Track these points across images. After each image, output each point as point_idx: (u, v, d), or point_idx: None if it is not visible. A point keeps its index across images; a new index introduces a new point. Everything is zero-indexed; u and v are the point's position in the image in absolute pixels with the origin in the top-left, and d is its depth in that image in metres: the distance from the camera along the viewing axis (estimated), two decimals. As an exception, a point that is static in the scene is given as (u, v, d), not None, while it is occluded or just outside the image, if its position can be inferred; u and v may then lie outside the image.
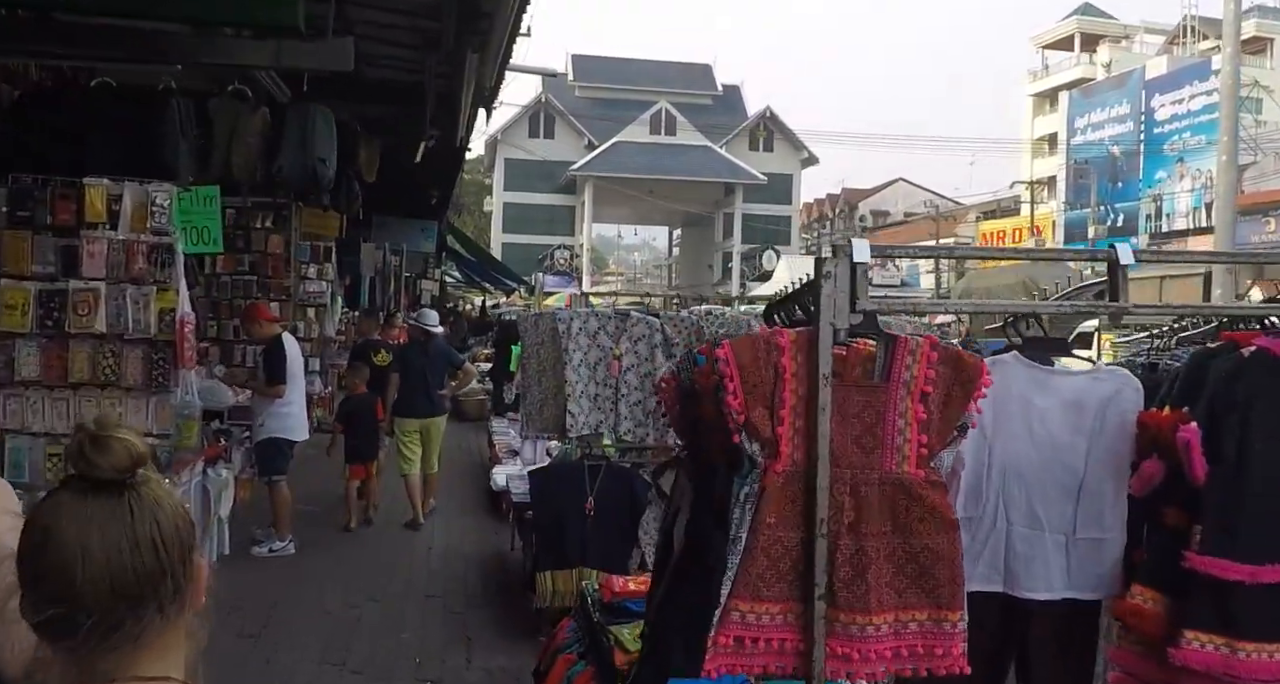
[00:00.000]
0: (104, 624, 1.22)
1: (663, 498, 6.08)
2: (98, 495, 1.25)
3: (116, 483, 1.26)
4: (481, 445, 13.09)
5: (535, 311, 5.89)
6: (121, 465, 1.25)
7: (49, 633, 1.25)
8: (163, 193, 5.47)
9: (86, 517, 1.23)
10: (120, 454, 1.25)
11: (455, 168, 15.98)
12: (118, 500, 1.25)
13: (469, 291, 36.01)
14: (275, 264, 11.66)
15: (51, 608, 1.22)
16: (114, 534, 1.24)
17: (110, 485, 1.26)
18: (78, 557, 1.21)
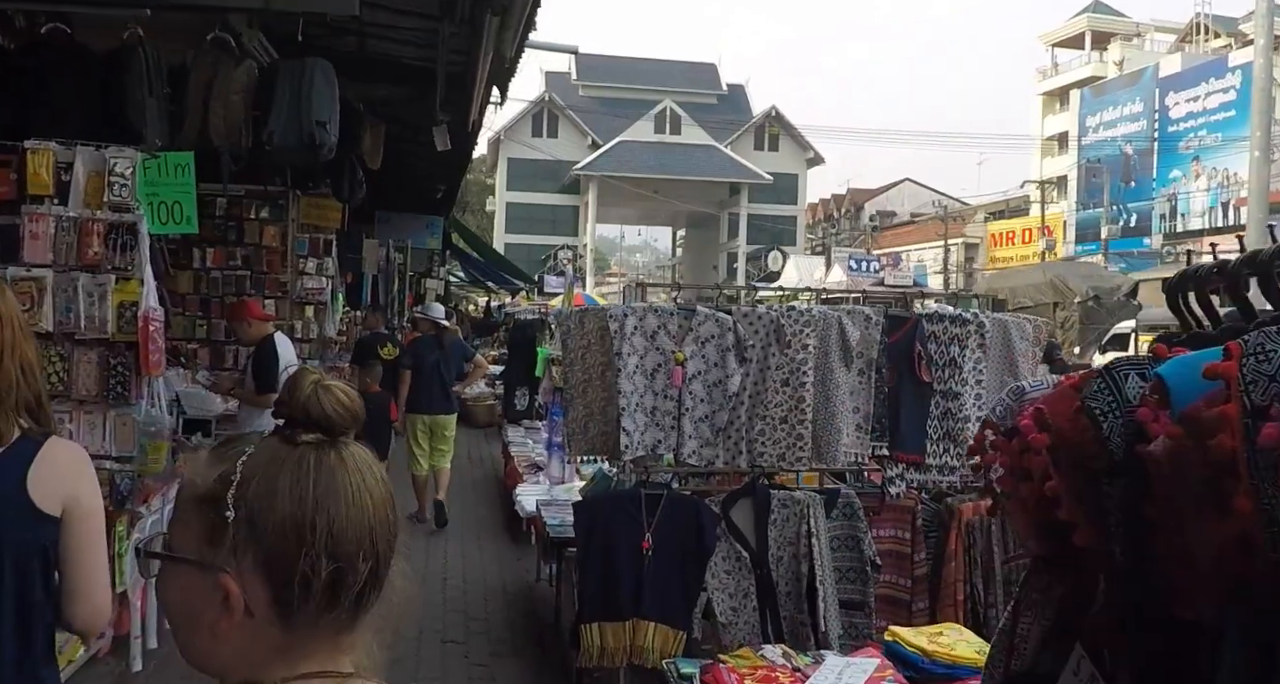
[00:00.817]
0: (379, 576, 1.16)
1: (734, 533, 5.04)
2: (339, 446, 1.15)
3: (340, 437, 1.17)
4: (495, 455, 12.02)
5: (579, 308, 4.75)
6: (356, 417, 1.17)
7: (334, 588, 1.10)
8: (124, 159, 4.38)
9: (353, 461, 1.15)
10: (351, 404, 1.18)
11: (464, 158, 14.88)
12: (356, 450, 1.17)
13: (473, 291, 34.91)
14: (271, 258, 10.56)
15: (339, 561, 1.10)
16: (375, 481, 1.17)
17: (340, 440, 1.16)
18: (365, 499, 1.13)
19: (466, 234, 25.76)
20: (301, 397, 1.16)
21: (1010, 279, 24.55)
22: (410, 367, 8.96)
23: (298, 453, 1.13)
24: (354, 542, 1.12)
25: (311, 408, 1.15)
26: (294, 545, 1.09)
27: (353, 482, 1.14)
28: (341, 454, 1.15)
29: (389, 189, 17.10)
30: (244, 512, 1.09)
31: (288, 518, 1.10)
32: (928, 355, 4.88)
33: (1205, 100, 40.38)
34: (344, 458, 1.15)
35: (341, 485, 1.13)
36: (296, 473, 1.11)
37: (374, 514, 1.15)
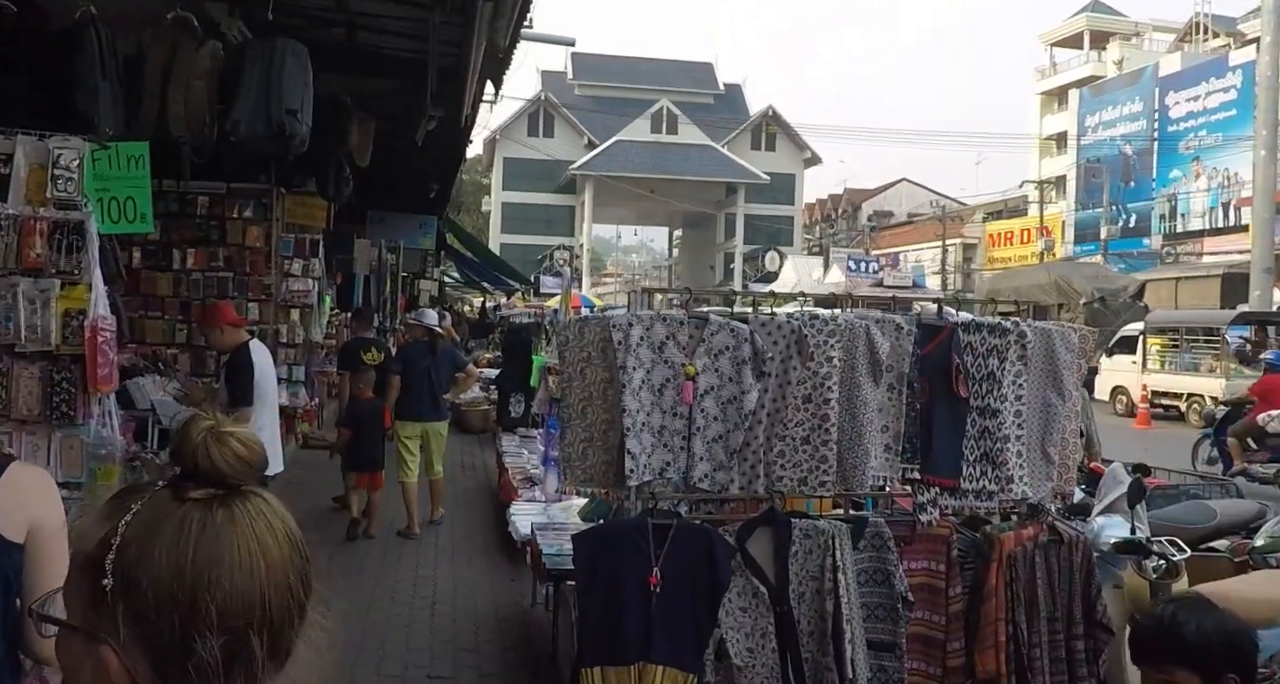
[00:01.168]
0: (279, 646, 1.06)
1: (750, 567, 4.56)
2: (231, 501, 1.07)
3: (238, 489, 1.08)
4: (489, 464, 11.53)
5: (579, 316, 4.24)
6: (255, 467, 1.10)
7: (220, 664, 1.02)
8: (69, 150, 3.89)
9: (246, 519, 1.06)
10: (247, 455, 1.09)
11: (458, 155, 14.42)
12: (253, 504, 1.08)
13: (468, 292, 34.41)
14: (255, 259, 10.07)
15: (225, 634, 1.02)
16: (274, 540, 1.07)
17: (237, 492, 1.08)
18: (257, 563, 1.04)
19: (461, 234, 25.28)
20: (190, 447, 1.07)
21: (1013, 279, 24.10)
22: (400, 372, 8.68)
23: (182, 512, 1.04)
24: (242, 613, 1.03)
25: (201, 460, 1.07)
26: (172, 617, 1.01)
27: (242, 544, 1.05)
28: (233, 511, 1.06)
29: (380, 187, 16.63)
30: (121, 580, 1.01)
31: (165, 589, 1.01)
32: (965, 368, 4.40)
33: (1205, 100, 40.00)
34: (234, 516, 1.06)
35: (228, 549, 1.04)
36: (176, 536, 1.03)
37: (268, 578, 1.05)
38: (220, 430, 1.09)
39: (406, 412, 8.56)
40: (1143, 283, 21.24)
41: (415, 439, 8.56)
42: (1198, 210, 40.16)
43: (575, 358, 4.26)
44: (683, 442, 4.19)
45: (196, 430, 1.08)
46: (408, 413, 8.56)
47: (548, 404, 6.50)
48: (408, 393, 8.53)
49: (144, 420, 7.55)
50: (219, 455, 1.07)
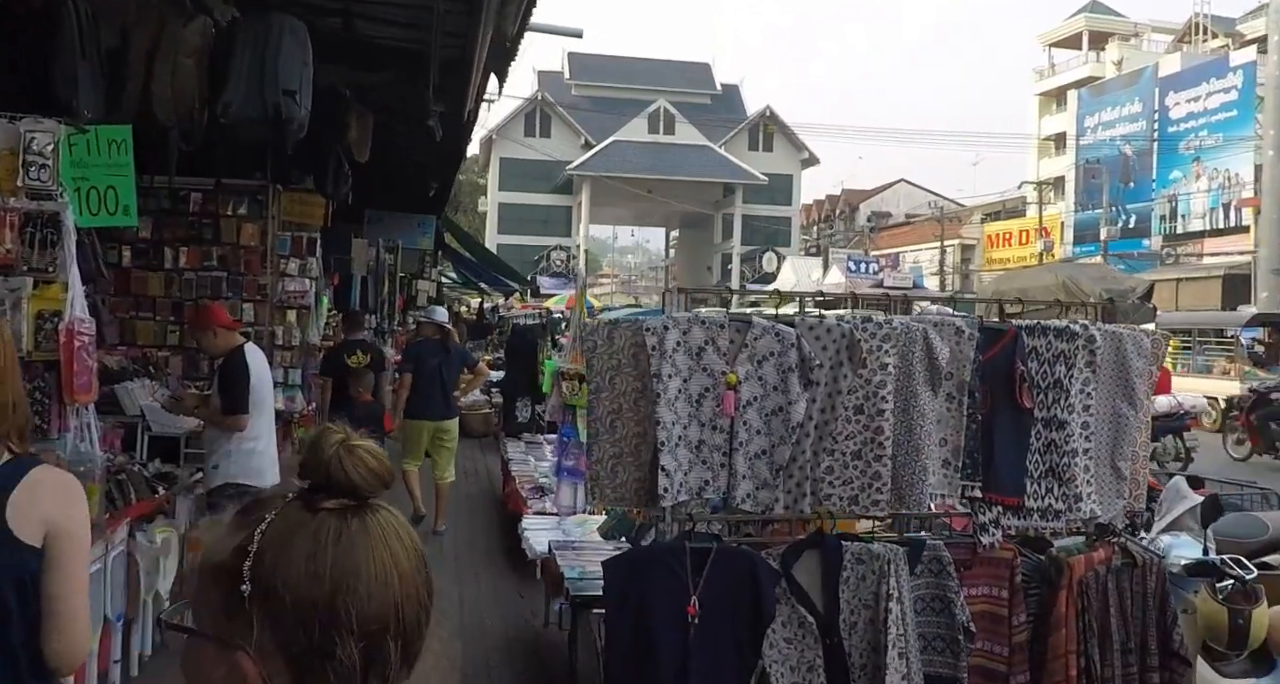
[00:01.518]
0: (410, 654, 1.10)
1: (797, 594, 4.15)
2: (364, 513, 1.10)
3: (367, 501, 1.12)
4: (492, 470, 11.13)
5: (608, 319, 3.83)
6: (384, 480, 1.13)
7: (359, 668, 1.05)
8: (43, 133, 3.48)
9: (379, 530, 1.09)
10: (377, 467, 1.12)
11: (458, 153, 14.00)
12: (383, 517, 1.12)
13: (466, 293, 33.97)
14: (249, 258, 9.62)
15: (364, 640, 1.05)
16: (404, 552, 1.10)
17: (367, 504, 1.12)
18: (390, 573, 1.07)
19: (460, 234, 24.84)
20: (323, 459, 1.10)
21: (1019, 280, 23.63)
22: (411, 371, 8.63)
23: (317, 522, 1.07)
24: (378, 620, 1.06)
25: (334, 472, 1.09)
26: (312, 623, 1.03)
27: (377, 555, 1.07)
28: (366, 522, 1.09)
29: (378, 186, 16.20)
30: (260, 587, 1.03)
31: (305, 595, 1.03)
32: (1030, 376, 4.00)
33: (1206, 100, 39.69)
34: (368, 526, 1.09)
35: (364, 560, 1.06)
36: (314, 545, 1.05)
37: (400, 588, 1.08)
38: (351, 443, 1.11)
39: (419, 411, 8.48)
40: (1151, 284, 20.80)
41: (427, 438, 8.50)
42: (1198, 211, 39.87)
43: (604, 366, 3.84)
44: (723, 458, 3.79)
45: (329, 443, 1.10)
46: (420, 412, 8.48)
47: (561, 411, 6.09)
48: (419, 391, 8.45)
49: (132, 427, 7.14)
50: (352, 467, 1.09)
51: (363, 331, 12.01)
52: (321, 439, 1.12)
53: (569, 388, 6.01)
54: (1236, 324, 19.03)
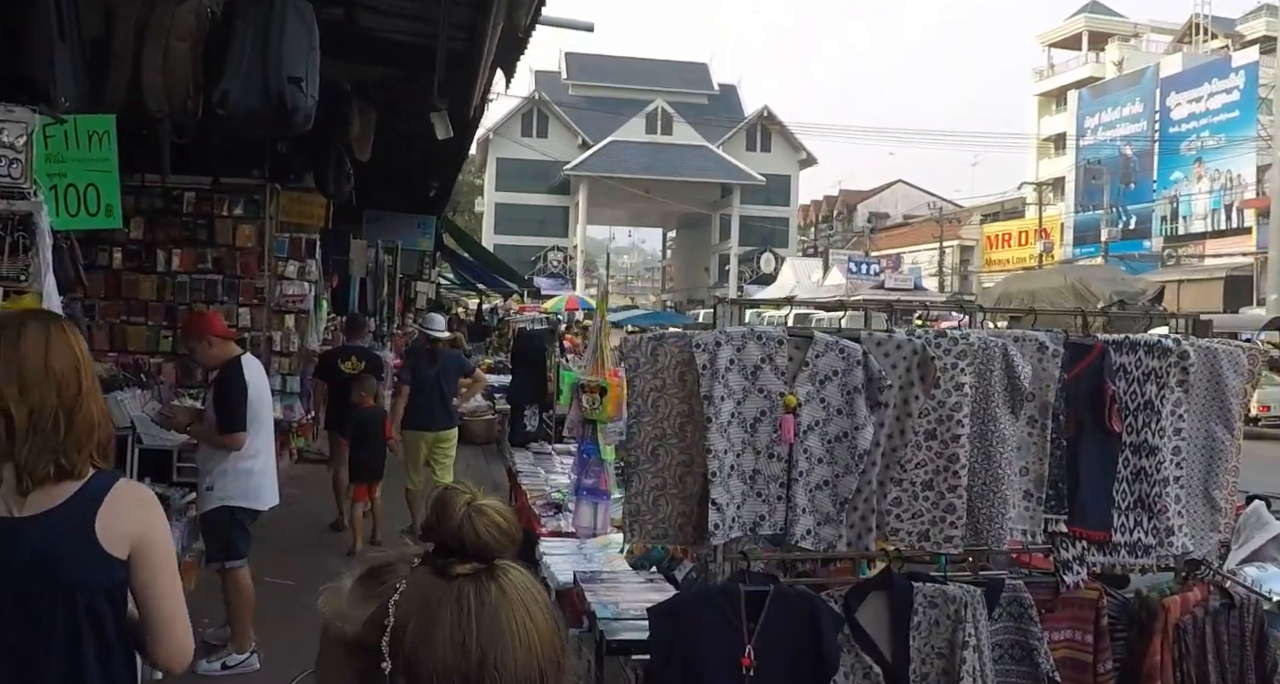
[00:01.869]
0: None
1: (861, 641, 3.74)
2: (499, 575, 1.08)
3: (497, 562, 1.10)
4: (497, 479, 10.69)
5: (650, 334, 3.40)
6: (514, 540, 1.10)
7: None
8: (14, 123, 3.05)
9: (516, 593, 1.07)
10: (507, 527, 1.10)
11: (461, 152, 13.57)
12: (517, 577, 1.10)
13: (464, 294, 33.51)
14: (246, 260, 9.21)
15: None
16: (542, 614, 1.09)
17: (499, 565, 1.09)
18: (532, 638, 1.05)
19: (458, 234, 24.41)
20: (453, 523, 1.07)
21: (1026, 282, 23.24)
22: (409, 381, 8.45)
23: (455, 589, 1.05)
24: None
25: (466, 535, 1.06)
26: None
27: (518, 618, 1.05)
28: (502, 585, 1.06)
29: (378, 185, 15.77)
30: (402, 661, 1.01)
31: (451, 667, 1.01)
32: (1119, 397, 3.59)
33: (1208, 101, 39.36)
34: (505, 590, 1.06)
35: (506, 626, 1.04)
36: (457, 615, 1.03)
37: (543, 652, 1.06)
38: (479, 503, 1.08)
39: (417, 422, 8.34)
40: (1162, 286, 20.45)
41: (426, 449, 8.37)
42: (1199, 212, 39.52)
43: (646, 387, 3.41)
44: (780, 489, 3.37)
45: (458, 504, 1.08)
46: (418, 423, 8.34)
47: (580, 426, 5.66)
48: (416, 402, 8.31)
49: (122, 439, 6.71)
50: (485, 530, 1.06)
51: (364, 336, 11.62)
52: (449, 501, 1.08)
53: (589, 401, 5.59)
54: (1254, 327, 18.65)
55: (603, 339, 5.71)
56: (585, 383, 5.68)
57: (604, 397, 5.62)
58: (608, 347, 5.69)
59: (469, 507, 1.07)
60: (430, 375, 8.43)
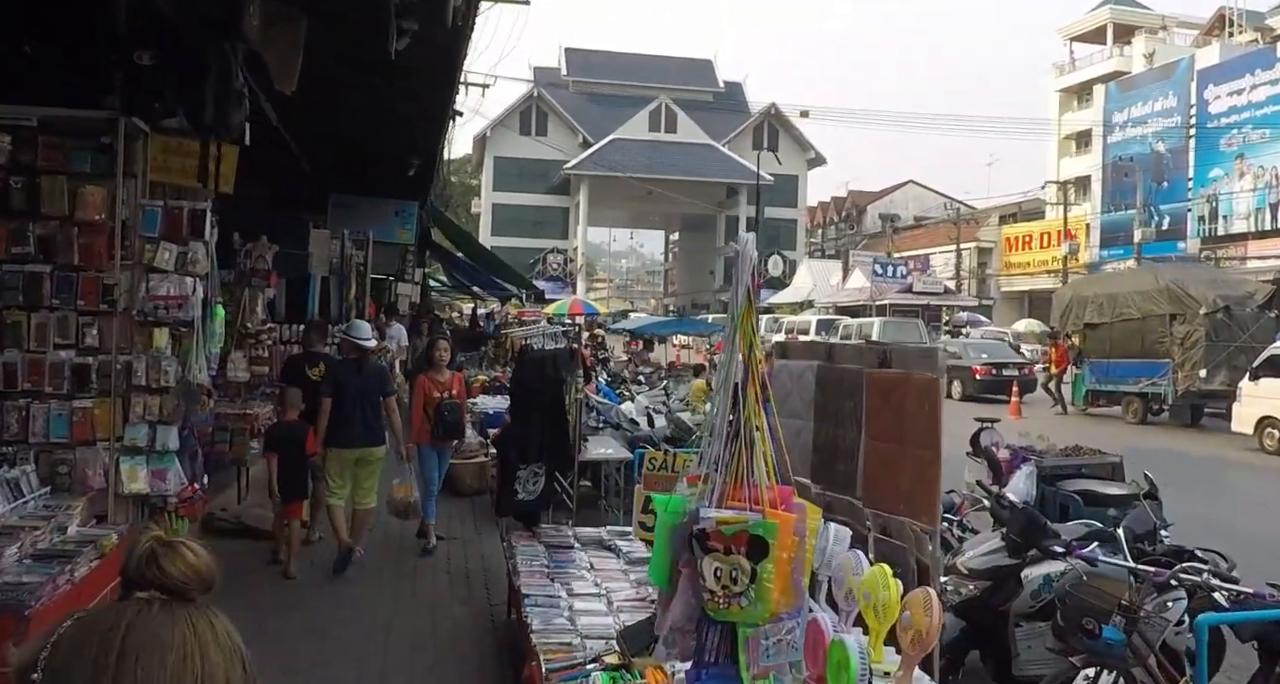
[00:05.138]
0: None
1: None
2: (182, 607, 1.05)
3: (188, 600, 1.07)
4: (491, 564, 7.14)
5: None
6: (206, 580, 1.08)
7: None
8: None
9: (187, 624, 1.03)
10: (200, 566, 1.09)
11: (444, 107, 9.98)
12: (202, 613, 1.06)
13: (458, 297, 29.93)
14: (91, 242, 5.63)
15: None
16: (215, 637, 1.04)
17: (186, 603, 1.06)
18: (176, 665, 0.99)
19: (450, 228, 20.73)
20: (137, 555, 1.07)
21: (1106, 285, 19.78)
22: (330, 394, 7.38)
23: (118, 609, 1.03)
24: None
25: (149, 570, 1.06)
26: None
27: (180, 649, 1.00)
28: (177, 616, 1.03)
29: (343, 162, 12.20)
30: (49, 673, 0.97)
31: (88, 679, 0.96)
32: None
33: (1251, 93, 35.85)
34: (177, 620, 1.02)
35: (159, 649, 0.99)
36: (112, 629, 0.99)
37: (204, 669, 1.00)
38: (169, 539, 1.11)
39: (338, 438, 7.35)
40: (1274, 289, 16.91)
41: (349, 466, 7.37)
42: (1241, 212, 36.01)
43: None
44: None
45: (143, 541, 1.10)
46: (339, 440, 7.35)
47: (699, 630, 2.09)
48: (338, 417, 7.33)
49: None
50: (170, 564, 1.07)
51: (325, 344, 9.15)
52: (137, 538, 1.06)
53: (725, 572, 2.01)
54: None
55: (755, 417, 2.13)
56: (711, 527, 2.07)
57: (762, 561, 2.03)
58: (766, 447, 2.13)
59: (157, 541, 1.05)
60: (354, 388, 7.39)
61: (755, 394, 2.10)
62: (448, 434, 7.89)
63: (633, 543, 5.80)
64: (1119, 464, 8.33)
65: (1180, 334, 17.07)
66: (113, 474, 5.61)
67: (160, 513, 5.98)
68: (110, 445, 5.63)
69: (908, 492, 4.67)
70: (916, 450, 4.62)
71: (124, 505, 5.72)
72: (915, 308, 34.10)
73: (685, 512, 2.11)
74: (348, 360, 7.78)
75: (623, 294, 76.95)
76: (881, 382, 4.85)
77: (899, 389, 4.72)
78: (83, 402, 5.64)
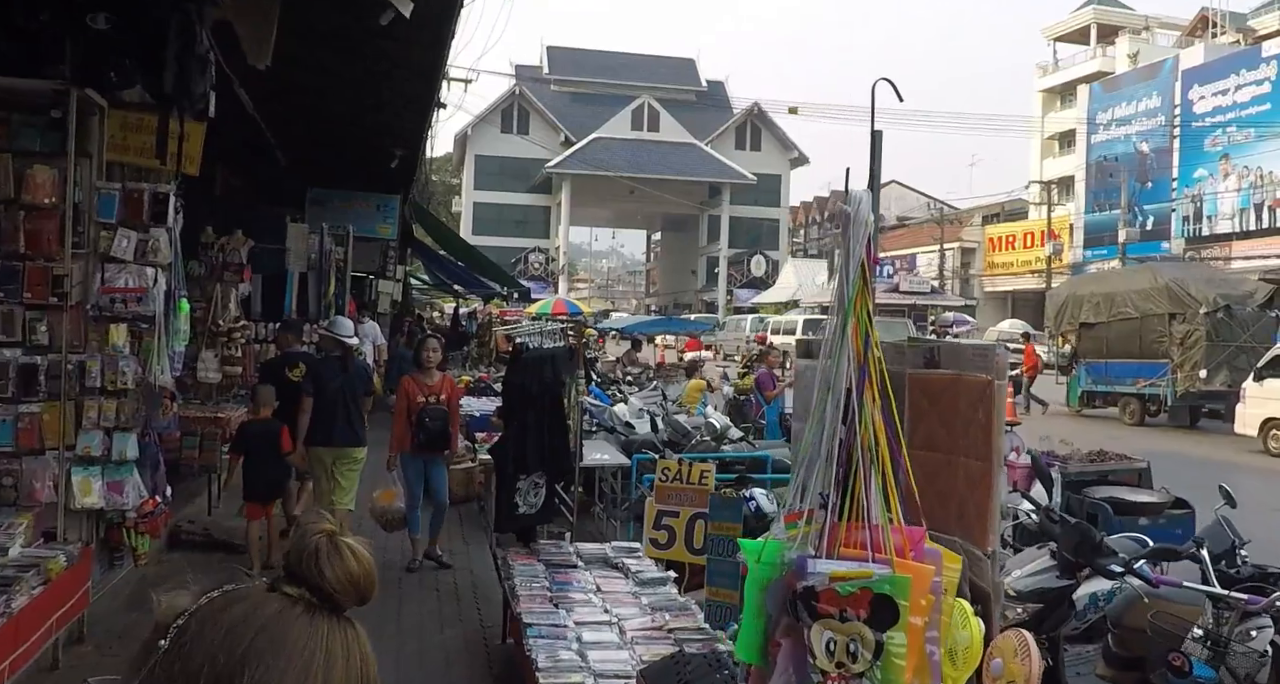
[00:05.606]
0: None
1: None
2: (326, 618, 0.93)
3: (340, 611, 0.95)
4: (484, 589, 6.56)
5: None
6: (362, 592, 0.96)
7: None
8: None
9: (326, 628, 0.92)
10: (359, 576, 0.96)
11: (428, 94, 9.40)
12: (343, 628, 0.94)
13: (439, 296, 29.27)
14: (39, 228, 5.03)
15: None
16: (348, 664, 0.92)
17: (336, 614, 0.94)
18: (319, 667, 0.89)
19: (431, 224, 20.10)
20: (303, 550, 0.96)
21: (1104, 284, 19.30)
22: (311, 392, 7.19)
23: (260, 599, 0.94)
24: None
25: (307, 568, 0.95)
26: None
27: (306, 660, 0.89)
28: (317, 624, 0.93)
29: (322, 153, 11.60)
30: (175, 644, 0.89)
31: (206, 666, 0.87)
32: None
33: (1235, 94, 35.65)
34: (316, 628, 0.93)
35: (286, 655, 0.89)
36: (243, 620, 0.91)
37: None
38: (339, 540, 0.99)
39: (319, 437, 7.11)
40: (1273, 289, 16.55)
41: (329, 465, 7.09)
42: (1225, 212, 35.82)
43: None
44: None
45: (313, 533, 0.99)
46: (321, 438, 7.11)
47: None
48: (320, 415, 7.13)
49: None
50: (329, 569, 0.96)
51: (301, 343, 9.09)
52: (306, 530, 0.97)
53: (839, 640, 1.44)
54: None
55: (876, 433, 1.57)
56: (822, 584, 1.50)
57: (890, 629, 1.45)
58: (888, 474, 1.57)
59: (325, 536, 0.95)
60: (335, 385, 7.16)
61: (874, 404, 1.55)
62: (430, 443, 7.01)
63: (642, 561, 5.26)
64: (1146, 470, 7.84)
65: (1180, 334, 16.66)
66: (63, 487, 5.01)
67: (117, 529, 5.40)
68: (61, 454, 5.03)
69: (959, 508, 4.13)
70: (970, 461, 4.07)
71: (76, 521, 5.12)
72: (901, 308, 33.77)
73: (784, 562, 1.57)
74: (330, 357, 7.48)
75: (604, 294, 76.40)
76: (928, 384, 4.30)
77: (949, 392, 4.16)
78: (30, 406, 5.03)
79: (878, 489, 1.55)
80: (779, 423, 11.16)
